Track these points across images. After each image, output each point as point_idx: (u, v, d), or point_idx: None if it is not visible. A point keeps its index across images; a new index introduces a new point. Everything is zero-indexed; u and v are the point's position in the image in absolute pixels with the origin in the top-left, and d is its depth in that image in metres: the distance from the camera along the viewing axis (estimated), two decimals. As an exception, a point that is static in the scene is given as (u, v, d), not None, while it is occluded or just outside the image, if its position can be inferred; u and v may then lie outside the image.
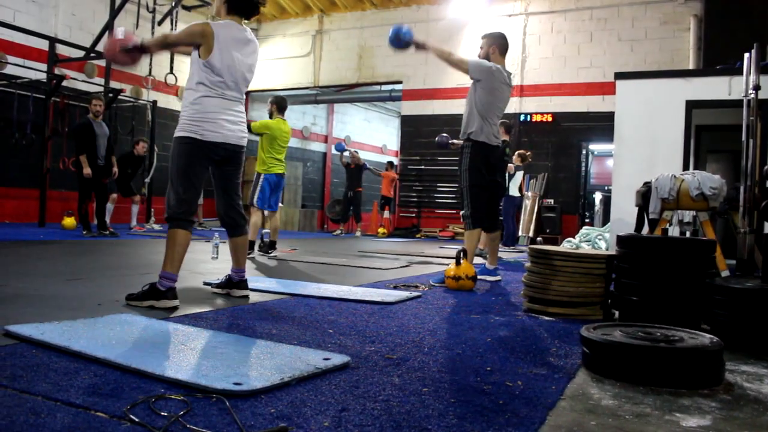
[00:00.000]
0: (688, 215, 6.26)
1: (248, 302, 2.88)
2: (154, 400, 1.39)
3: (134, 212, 8.80)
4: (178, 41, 2.78)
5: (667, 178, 5.33)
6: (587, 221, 11.98)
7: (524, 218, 10.00)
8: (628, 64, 9.66)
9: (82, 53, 9.29)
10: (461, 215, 4.18)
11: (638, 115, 7.20)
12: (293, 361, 1.75)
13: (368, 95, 13.77)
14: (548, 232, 10.02)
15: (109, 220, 8.13)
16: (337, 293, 3.20)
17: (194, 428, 1.24)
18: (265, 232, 5.80)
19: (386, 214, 11.60)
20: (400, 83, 11.89)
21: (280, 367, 1.67)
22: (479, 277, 3.97)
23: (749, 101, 5.01)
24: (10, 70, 8.79)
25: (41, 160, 8.69)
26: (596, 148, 13.27)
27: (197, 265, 4.55)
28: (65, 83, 8.79)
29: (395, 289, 3.60)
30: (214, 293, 3.08)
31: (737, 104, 6.90)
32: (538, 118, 10.48)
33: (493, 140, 4.14)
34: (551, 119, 10.41)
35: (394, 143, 18.11)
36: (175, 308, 2.61)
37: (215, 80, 2.70)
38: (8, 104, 8.68)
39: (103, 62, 9.59)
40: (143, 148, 8.80)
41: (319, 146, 15.76)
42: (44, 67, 8.98)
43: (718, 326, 2.44)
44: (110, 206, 8.12)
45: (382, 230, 11.07)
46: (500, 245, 6.73)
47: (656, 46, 9.75)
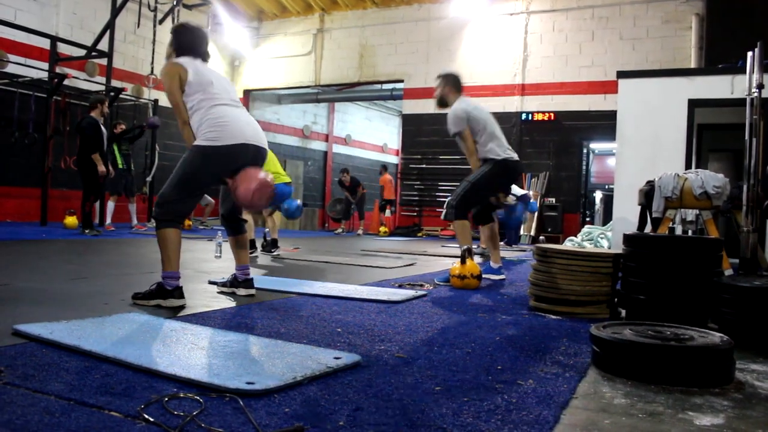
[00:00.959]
0: (690, 214, 6.25)
1: (254, 301, 2.88)
2: (167, 399, 1.39)
3: (133, 211, 8.79)
4: (176, 101, 2.66)
5: (670, 176, 5.33)
6: (587, 220, 11.99)
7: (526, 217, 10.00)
8: (629, 62, 9.65)
9: (82, 52, 9.29)
10: (446, 203, 4.09)
11: (640, 114, 7.20)
12: (304, 360, 1.74)
13: (369, 94, 13.77)
14: (549, 231, 10.02)
15: (111, 219, 8.14)
16: (343, 292, 3.20)
17: (209, 428, 1.24)
18: (266, 230, 5.80)
19: (387, 212, 11.61)
20: (401, 82, 11.88)
21: (291, 366, 1.67)
22: (483, 275, 3.96)
23: (752, 100, 5.01)
24: (11, 69, 8.77)
25: (43, 159, 8.68)
26: (597, 146, 13.27)
27: (201, 264, 4.55)
28: (66, 82, 8.78)
29: (400, 287, 3.59)
30: (219, 292, 3.07)
31: (740, 103, 6.89)
32: (539, 116, 10.48)
33: (511, 155, 4.12)
34: (553, 118, 10.41)
35: (394, 142, 18.11)
36: (182, 307, 2.60)
37: (210, 91, 2.67)
38: (9, 103, 8.67)
39: (103, 61, 9.58)
40: (121, 128, 8.63)
41: (320, 145, 15.75)
42: (45, 65, 8.97)
43: (725, 325, 2.44)
44: (111, 205, 8.12)
45: (383, 229, 11.07)
46: (503, 244, 6.76)
47: (658, 44, 9.74)
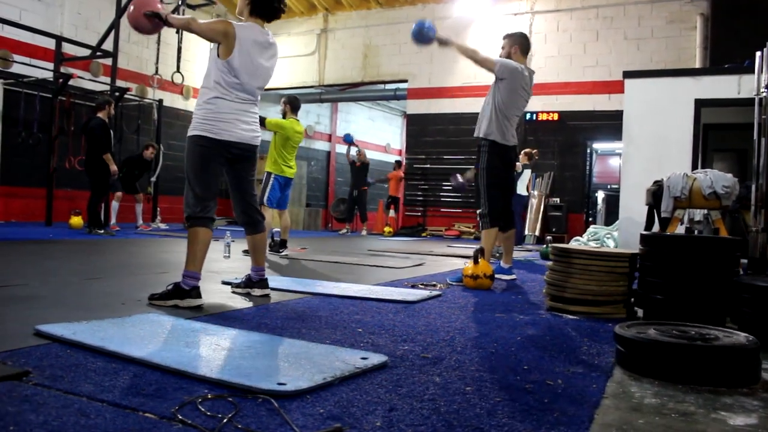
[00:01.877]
0: (698, 214, 6.25)
1: (271, 301, 2.87)
2: (200, 400, 1.38)
3: (138, 211, 8.79)
4: (200, 32, 2.72)
5: (679, 176, 5.32)
6: (590, 220, 11.98)
7: (530, 217, 9.99)
8: (634, 62, 9.64)
9: (87, 52, 9.28)
10: (478, 214, 4.18)
11: (647, 113, 7.20)
12: (331, 360, 1.74)
13: (373, 94, 13.76)
14: (554, 231, 10.01)
15: (115, 219, 8.13)
16: (357, 292, 3.19)
17: (247, 429, 1.23)
18: (275, 230, 5.79)
19: (392, 212, 11.60)
20: (405, 82, 11.87)
21: (319, 366, 1.66)
22: (495, 275, 3.96)
23: (761, 100, 5.00)
24: (15, 69, 8.75)
25: (48, 159, 8.68)
26: (599, 146, 13.24)
27: (211, 264, 4.53)
28: (71, 82, 8.77)
29: (413, 288, 3.59)
30: (234, 293, 3.06)
31: (747, 103, 6.89)
32: (543, 116, 10.47)
33: (510, 140, 4.14)
34: (557, 118, 10.40)
35: (397, 142, 18.10)
36: (199, 308, 2.59)
37: (232, 81, 2.69)
38: (14, 103, 8.66)
39: (108, 61, 9.57)
40: (152, 153, 8.75)
41: (323, 145, 15.74)
42: (50, 65, 8.96)
43: (745, 324, 2.43)
44: (116, 204, 8.12)
45: (388, 229, 11.06)
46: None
47: (662, 44, 9.74)
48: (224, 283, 3.37)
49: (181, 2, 9.67)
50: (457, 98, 11.10)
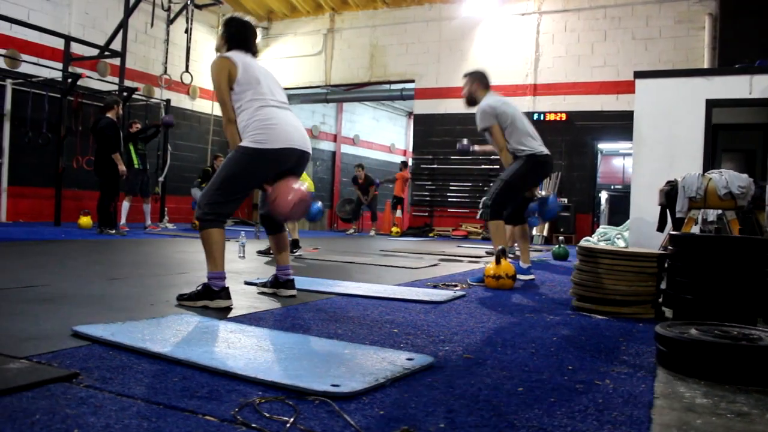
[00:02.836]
0: (711, 214, 6.24)
1: (298, 302, 2.85)
2: (258, 402, 1.37)
3: (147, 211, 8.78)
4: (224, 100, 2.65)
5: (694, 176, 5.31)
6: (595, 220, 11.97)
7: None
8: (642, 63, 9.63)
9: (94, 52, 9.27)
10: (481, 202, 4.06)
11: (658, 114, 7.19)
12: (377, 361, 1.73)
13: (379, 94, 13.74)
14: (562, 231, 10.00)
15: (125, 219, 8.12)
16: (382, 292, 3.18)
17: (311, 431, 1.22)
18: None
19: (398, 213, 11.59)
20: (412, 82, 11.85)
21: (367, 367, 1.65)
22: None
23: (776, 100, 4.99)
24: (23, 68, 8.74)
25: (56, 158, 8.67)
26: (603, 146, 13.25)
27: (228, 265, 4.49)
28: (79, 82, 8.76)
29: (435, 288, 3.58)
30: (260, 293, 3.05)
31: (758, 103, 6.89)
32: (551, 117, 10.46)
33: (544, 150, 4.08)
34: (565, 118, 10.39)
35: (402, 142, 18.10)
36: (228, 309, 2.58)
37: (259, 90, 2.66)
38: (22, 103, 8.65)
39: (115, 60, 9.56)
40: (136, 126, 8.57)
41: (328, 145, 15.73)
42: (57, 65, 8.94)
43: (779, 325, 2.43)
44: (126, 205, 8.10)
45: (395, 229, 11.05)
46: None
47: (670, 44, 9.73)
48: (247, 283, 3.37)
49: (189, 2, 9.65)
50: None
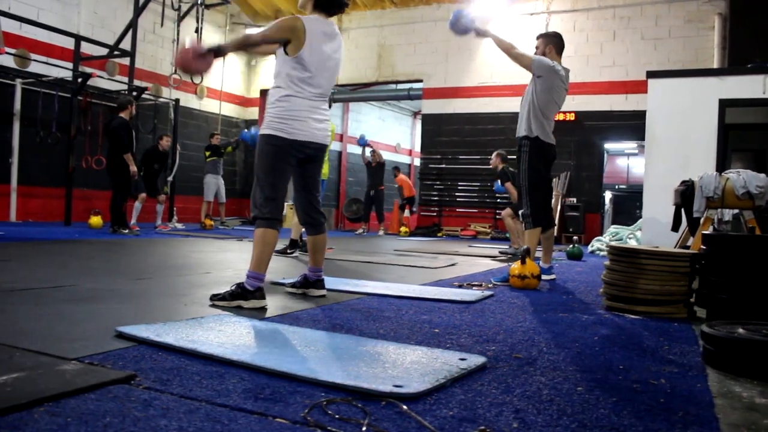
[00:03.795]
0: (728, 214, 6.23)
1: (330, 302, 2.84)
2: (325, 403, 1.36)
3: (159, 211, 8.78)
4: (263, 39, 2.68)
5: (711, 176, 5.30)
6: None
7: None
8: (651, 63, 9.62)
9: (102, 51, 9.26)
10: (521, 214, 4.15)
11: (670, 113, 7.18)
12: (430, 361, 1.72)
13: (386, 94, 13.72)
14: (571, 231, 10.00)
15: (136, 219, 8.11)
16: (411, 292, 3.17)
17: None
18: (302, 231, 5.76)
19: (407, 212, 11.58)
20: (420, 82, 11.85)
21: (423, 368, 1.64)
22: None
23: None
24: (32, 68, 8.73)
25: (66, 158, 8.66)
26: (608, 146, 13.24)
27: (245, 264, 4.50)
28: (88, 81, 8.74)
29: (461, 287, 3.57)
30: (288, 293, 3.04)
31: (773, 103, 6.85)
32: (560, 116, 10.42)
33: (550, 138, 4.14)
34: (574, 118, 10.38)
35: (407, 141, 18.09)
36: (263, 309, 2.56)
37: (304, 77, 2.64)
38: (32, 103, 8.64)
39: (123, 60, 9.55)
40: (167, 142, 8.71)
41: (334, 145, 15.68)
42: (66, 65, 8.93)
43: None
44: (139, 205, 8.09)
45: (404, 229, 11.04)
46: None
47: (680, 44, 9.72)
48: (273, 283, 3.35)
49: (199, 1, 9.64)
50: (473, 98, 11.09)
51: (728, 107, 7.04)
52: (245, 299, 2.58)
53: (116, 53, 9.16)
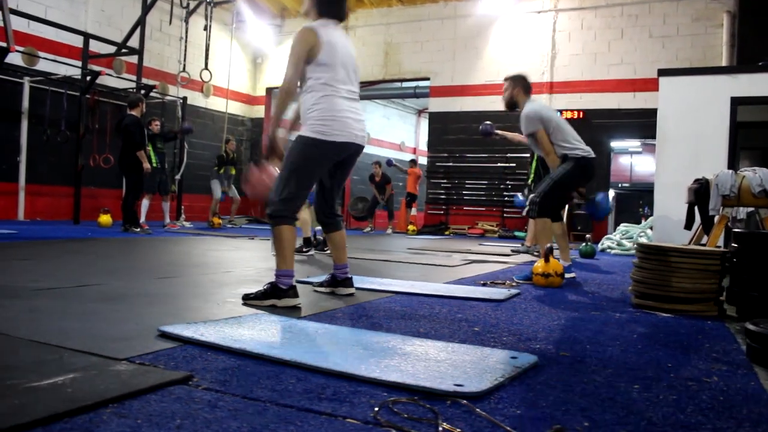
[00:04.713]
0: (742, 212, 6.23)
1: (361, 300, 2.83)
2: (391, 403, 1.35)
3: (166, 209, 8.76)
4: (295, 71, 2.60)
5: (727, 174, 5.30)
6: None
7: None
8: (659, 60, 9.62)
9: (109, 49, 9.23)
10: (529, 199, 4.08)
11: (682, 111, 7.17)
12: (481, 360, 1.71)
13: (391, 92, 13.70)
14: (579, 229, 9.99)
15: (144, 217, 8.10)
16: (439, 291, 3.16)
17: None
18: (317, 229, 5.75)
19: (413, 211, 11.57)
20: (427, 80, 11.83)
21: (477, 366, 1.63)
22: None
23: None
24: (40, 66, 8.70)
25: (73, 157, 8.63)
26: (612, 145, 13.22)
27: (264, 262, 4.50)
28: (97, 80, 8.72)
29: (485, 286, 3.56)
30: (316, 291, 3.03)
31: (787, 100, 6.84)
32: (568, 114, 10.42)
33: (590, 152, 4.14)
34: (581, 116, 10.37)
35: (411, 140, 18.08)
36: (297, 308, 2.55)
37: (332, 75, 2.63)
38: (40, 101, 8.61)
39: (131, 58, 9.53)
40: (156, 127, 8.41)
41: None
42: (74, 62, 8.90)
43: None
44: (146, 203, 8.08)
45: (411, 228, 11.03)
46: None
47: (688, 42, 9.71)
48: (299, 282, 3.34)
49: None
50: (480, 96, 11.07)
51: (740, 105, 7.04)
52: (278, 298, 2.57)
53: (124, 51, 9.13)
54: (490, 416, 1.28)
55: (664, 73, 7.34)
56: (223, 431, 1.17)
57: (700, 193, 5.55)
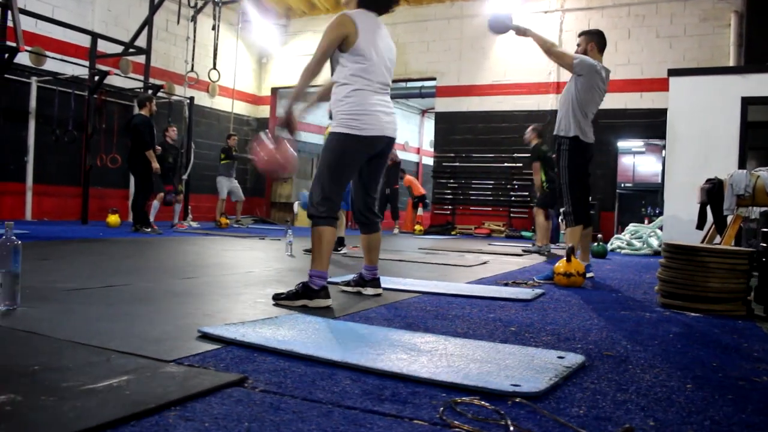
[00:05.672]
0: (755, 212, 6.23)
1: (390, 300, 2.83)
2: (456, 403, 1.34)
3: (177, 210, 8.75)
4: (323, 54, 2.59)
5: (742, 174, 5.30)
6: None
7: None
8: (666, 61, 9.62)
9: (116, 49, 9.22)
10: (562, 212, 4.16)
11: (692, 112, 7.18)
12: (529, 359, 1.71)
13: (397, 92, 13.69)
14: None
15: (153, 218, 8.09)
16: (465, 291, 3.16)
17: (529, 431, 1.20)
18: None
19: (420, 211, 11.57)
20: (433, 80, 11.82)
21: (528, 366, 1.63)
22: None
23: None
24: (47, 65, 8.68)
25: (82, 157, 8.62)
26: (618, 144, 13.20)
27: (281, 263, 4.49)
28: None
29: (506, 285, 3.56)
30: (343, 291, 3.03)
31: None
32: (575, 114, 10.44)
33: (590, 137, 4.16)
34: (588, 116, 10.37)
35: (415, 140, 18.07)
36: (328, 308, 2.55)
37: (365, 66, 2.60)
38: (47, 101, 8.59)
39: (137, 58, 9.51)
40: (174, 133, 8.52)
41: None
42: (81, 62, 8.88)
43: None
44: (156, 204, 8.07)
45: (418, 228, 11.03)
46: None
47: (695, 42, 9.72)
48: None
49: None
50: (486, 96, 11.07)
51: (750, 105, 7.05)
52: (310, 298, 2.57)
53: (131, 51, 9.12)
54: (557, 416, 1.27)
55: (674, 73, 7.35)
56: (295, 436, 1.16)
57: (712, 193, 5.56)
